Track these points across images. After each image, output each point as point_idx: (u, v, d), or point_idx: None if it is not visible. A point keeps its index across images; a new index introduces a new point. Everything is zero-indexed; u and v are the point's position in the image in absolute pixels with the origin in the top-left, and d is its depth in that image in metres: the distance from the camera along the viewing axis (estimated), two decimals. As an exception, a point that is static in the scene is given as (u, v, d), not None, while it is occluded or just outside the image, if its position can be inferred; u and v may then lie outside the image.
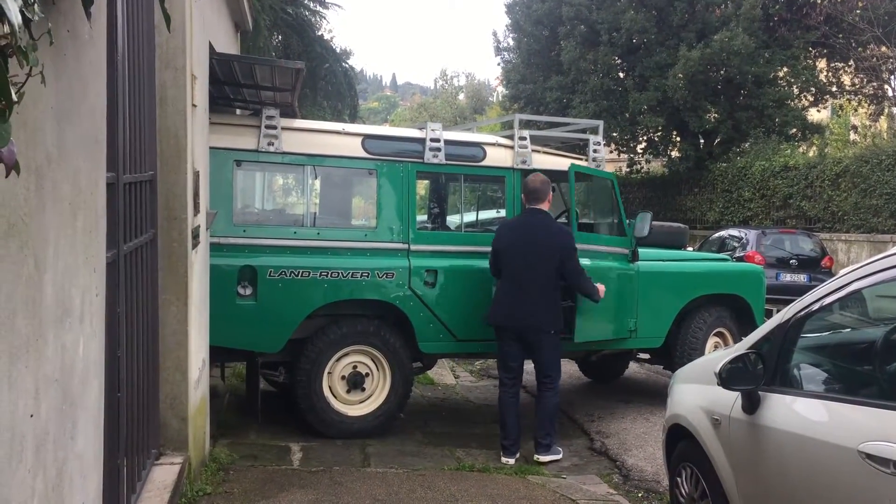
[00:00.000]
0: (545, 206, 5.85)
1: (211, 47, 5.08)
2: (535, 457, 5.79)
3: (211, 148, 5.32)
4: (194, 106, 4.28)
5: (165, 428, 4.13)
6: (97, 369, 2.47)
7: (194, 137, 4.28)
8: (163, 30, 3.68)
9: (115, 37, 2.76)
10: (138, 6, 3.28)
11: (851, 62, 20.72)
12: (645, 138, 23.01)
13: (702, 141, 21.81)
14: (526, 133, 6.60)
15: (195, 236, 4.31)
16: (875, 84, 20.72)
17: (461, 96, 53.31)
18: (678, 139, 22.37)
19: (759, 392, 3.24)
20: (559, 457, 5.88)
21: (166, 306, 4.06)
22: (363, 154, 6.07)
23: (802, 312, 3.25)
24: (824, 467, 2.79)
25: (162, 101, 3.93)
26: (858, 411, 2.76)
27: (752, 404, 3.25)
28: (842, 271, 3.27)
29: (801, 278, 13.15)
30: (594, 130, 7.07)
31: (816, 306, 3.22)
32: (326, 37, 16.28)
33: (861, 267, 3.05)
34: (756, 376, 3.24)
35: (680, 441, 4.00)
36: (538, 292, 5.69)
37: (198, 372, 4.53)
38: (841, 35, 19.95)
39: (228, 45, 6.63)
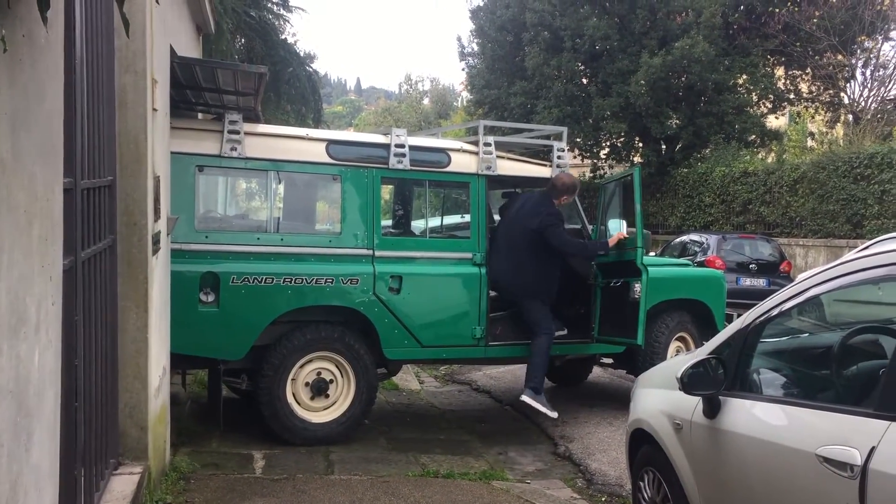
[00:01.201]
0: (558, 201, 6.51)
1: (172, 51, 5.01)
2: (521, 397, 6.33)
3: (172, 153, 5.25)
4: (155, 110, 4.22)
5: (124, 437, 4.06)
6: (53, 379, 2.42)
7: (155, 142, 4.23)
8: (122, 33, 3.62)
9: (74, 41, 2.71)
10: (97, 10, 3.22)
11: (809, 70, 21.12)
12: (608, 144, 23.21)
13: (664, 147, 22.05)
14: (491, 139, 6.62)
15: (155, 242, 4.25)
16: (831, 92, 21.15)
17: (426, 101, 53.29)
18: (640, 145, 22.59)
19: (720, 397, 3.28)
20: (544, 410, 6.30)
21: (125, 313, 4.00)
22: (327, 160, 6.04)
23: (762, 318, 3.30)
24: (783, 471, 2.83)
25: (122, 106, 3.87)
26: (816, 416, 2.80)
27: (712, 409, 3.29)
28: (800, 276, 3.33)
29: (761, 283, 13.35)
30: (558, 136, 7.12)
31: (776, 312, 3.27)
32: (290, 40, 16.05)
33: (819, 273, 3.10)
34: (717, 381, 3.29)
35: (643, 445, 4.04)
36: (512, 261, 6.37)
37: (158, 380, 4.46)
38: (798, 43, 20.32)
39: (190, 48, 6.55)
